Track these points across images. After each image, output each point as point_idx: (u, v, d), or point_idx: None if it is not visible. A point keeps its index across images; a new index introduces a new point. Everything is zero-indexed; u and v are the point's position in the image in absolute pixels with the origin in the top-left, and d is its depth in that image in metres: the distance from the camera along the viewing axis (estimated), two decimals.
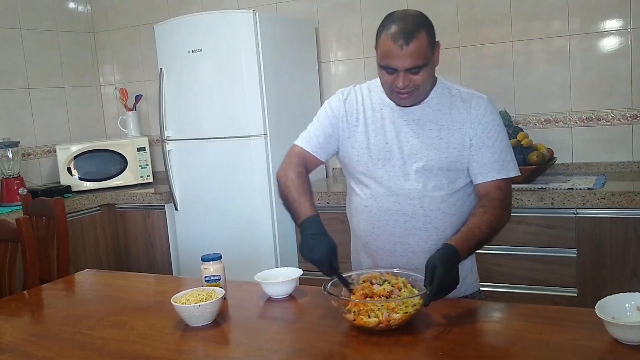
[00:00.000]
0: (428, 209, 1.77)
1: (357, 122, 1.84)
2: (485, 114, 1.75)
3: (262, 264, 3.17)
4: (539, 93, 3.27)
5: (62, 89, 4.28)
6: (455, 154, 1.75)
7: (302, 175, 1.84)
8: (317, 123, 1.90)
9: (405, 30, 1.62)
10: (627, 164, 3.11)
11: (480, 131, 1.74)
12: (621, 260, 2.60)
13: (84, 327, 1.74)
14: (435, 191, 1.76)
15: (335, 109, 1.87)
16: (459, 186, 1.79)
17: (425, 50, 1.65)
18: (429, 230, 1.78)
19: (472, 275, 1.90)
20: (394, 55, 1.64)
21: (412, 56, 1.63)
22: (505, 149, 1.77)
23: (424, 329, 1.52)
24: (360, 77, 3.63)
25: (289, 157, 1.89)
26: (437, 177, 1.76)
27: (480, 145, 1.75)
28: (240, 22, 3.18)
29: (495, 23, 3.32)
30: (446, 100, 1.78)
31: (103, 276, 2.45)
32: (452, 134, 1.75)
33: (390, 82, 1.69)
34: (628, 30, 3.04)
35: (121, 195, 3.79)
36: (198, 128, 3.39)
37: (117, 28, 4.48)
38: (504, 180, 1.76)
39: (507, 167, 1.77)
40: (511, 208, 1.79)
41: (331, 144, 1.89)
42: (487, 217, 1.69)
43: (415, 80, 1.67)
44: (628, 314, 1.41)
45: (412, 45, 1.62)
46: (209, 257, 1.85)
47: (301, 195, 1.77)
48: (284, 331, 1.65)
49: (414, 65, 1.64)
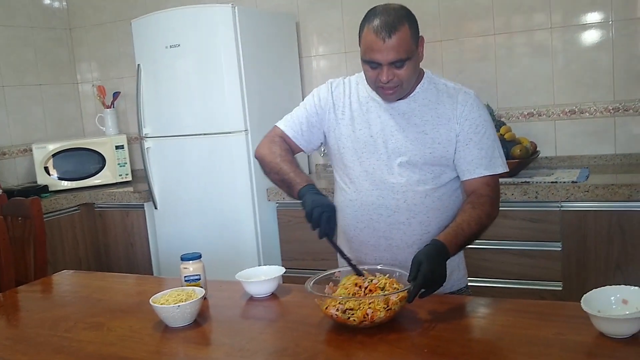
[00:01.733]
0: (412, 203, 1.75)
1: (343, 115, 1.82)
2: (472, 109, 1.74)
3: (244, 262, 3.12)
4: (522, 86, 3.26)
5: (38, 86, 4.20)
6: (441, 149, 1.73)
7: (288, 150, 1.83)
8: (303, 110, 1.88)
9: (388, 23, 1.60)
10: (611, 157, 3.11)
11: (467, 127, 1.73)
12: (605, 253, 2.59)
13: (60, 330, 1.70)
14: (419, 185, 1.74)
15: (323, 100, 1.85)
16: (444, 181, 1.77)
17: (408, 44, 1.62)
18: (412, 224, 1.76)
19: (459, 271, 1.88)
20: (377, 48, 1.61)
21: (395, 49, 1.61)
22: (492, 145, 1.76)
23: (409, 325, 1.49)
24: (341, 72, 3.59)
25: (270, 136, 1.88)
26: (422, 172, 1.74)
27: (467, 141, 1.73)
28: (219, 17, 3.13)
29: (477, 16, 3.30)
30: (432, 95, 1.76)
31: (81, 277, 2.41)
32: (437, 129, 1.73)
33: (374, 77, 1.67)
34: (609, 22, 3.04)
35: (100, 195, 3.72)
36: (177, 125, 3.34)
37: (94, 24, 4.40)
38: (491, 176, 1.75)
39: (495, 164, 1.75)
40: (499, 203, 1.78)
41: (313, 134, 1.87)
42: (476, 213, 1.68)
43: (399, 75, 1.65)
44: (614, 307, 1.39)
45: (395, 38, 1.60)
46: (188, 257, 1.81)
47: (294, 166, 1.76)
48: (267, 331, 1.61)
49: (397, 58, 1.62)
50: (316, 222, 1.57)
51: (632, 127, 3.07)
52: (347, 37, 3.62)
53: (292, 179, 1.73)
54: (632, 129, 3.07)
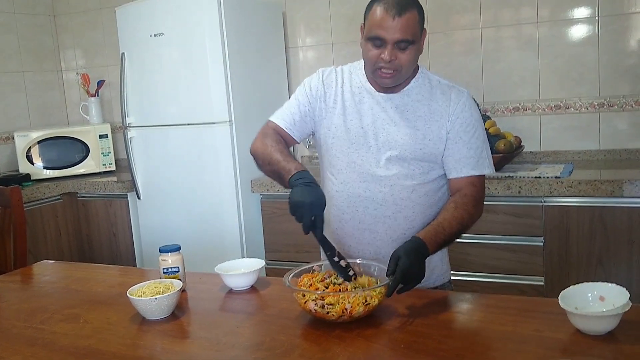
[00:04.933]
0: (398, 197, 1.74)
1: (334, 104, 1.80)
2: (464, 108, 1.73)
3: (228, 254, 3.11)
4: (508, 80, 3.26)
5: (20, 73, 4.15)
6: (431, 145, 1.72)
7: (280, 142, 1.78)
8: (295, 101, 1.86)
9: (399, 2, 1.61)
10: (595, 152, 3.11)
11: (458, 125, 1.72)
12: (587, 248, 2.60)
13: (36, 322, 1.68)
14: (406, 180, 1.74)
15: (314, 89, 1.83)
16: (433, 177, 1.77)
17: (415, 27, 1.63)
18: (398, 219, 1.75)
19: (442, 266, 1.87)
20: (385, 25, 1.61)
21: (403, 29, 1.60)
22: (481, 145, 1.75)
23: (386, 320, 1.48)
24: (328, 63, 3.57)
25: (264, 130, 1.85)
26: (410, 167, 1.73)
27: (457, 139, 1.72)
28: (204, 6, 3.09)
29: (465, 9, 3.29)
30: (426, 90, 1.75)
31: (61, 267, 2.38)
32: (428, 125, 1.72)
33: (375, 56, 1.65)
34: (596, 18, 3.04)
35: (83, 184, 3.69)
36: (161, 114, 3.31)
37: (78, 11, 4.34)
38: (477, 176, 1.75)
39: (482, 164, 1.75)
40: (483, 203, 1.78)
41: (306, 124, 1.85)
42: (459, 213, 1.68)
43: (401, 58, 1.64)
44: (591, 304, 1.39)
45: (405, 17, 1.60)
46: (167, 249, 1.79)
47: (286, 155, 1.71)
48: (244, 324, 1.60)
49: (403, 37, 1.61)
50: (300, 217, 1.54)
51: (616, 123, 3.07)
52: (334, 28, 3.59)
53: (282, 168, 1.68)
54: (616, 125, 3.08)
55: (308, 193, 1.55)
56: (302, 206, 1.53)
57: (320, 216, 1.56)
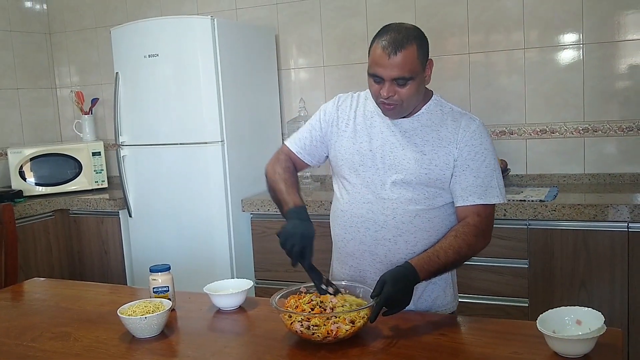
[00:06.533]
0: (400, 221, 1.75)
1: (346, 128, 1.85)
2: (474, 136, 1.73)
3: (217, 274, 3.13)
4: (495, 105, 3.32)
5: (15, 90, 4.18)
6: (437, 171, 1.73)
7: (289, 170, 1.88)
8: (309, 126, 1.94)
9: (396, 40, 1.63)
10: (580, 176, 3.18)
11: (466, 153, 1.72)
12: (571, 271, 2.65)
13: (26, 339, 1.70)
14: (410, 204, 1.75)
15: (328, 114, 1.90)
16: (439, 204, 1.77)
17: (414, 63, 1.65)
18: (398, 242, 1.76)
19: (445, 297, 1.87)
20: (382, 63, 1.64)
21: (399, 66, 1.63)
22: (490, 174, 1.74)
23: (371, 341, 1.52)
24: (320, 85, 3.63)
25: (277, 154, 1.95)
26: (415, 191, 1.75)
27: (465, 167, 1.73)
28: (198, 28, 3.15)
29: (453, 35, 3.36)
30: (437, 117, 1.78)
31: (52, 285, 2.40)
32: (436, 151, 1.74)
33: (376, 91, 1.70)
34: (580, 45, 3.12)
35: (75, 201, 3.71)
36: (153, 134, 3.35)
37: (73, 30, 4.40)
38: (484, 206, 1.73)
39: (490, 193, 1.73)
40: (490, 235, 1.77)
41: (318, 148, 1.92)
42: (457, 243, 1.68)
43: (400, 93, 1.66)
44: (568, 328, 1.43)
45: (401, 55, 1.63)
46: (157, 268, 1.83)
47: (289, 187, 1.81)
48: (231, 344, 1.63)
49: (399, 75, 1.64)
50: (288, 252, 1.63)
51: (601, 147, 3.14)
52: (326, 51, 3.66)
53: (283, 199, 1.79)
54: (600, 150, 3.14)
55: (298, 226, 1.64)
56: (291, 237, 1.62)
57: (309, 247, 1.62)
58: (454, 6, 3.33)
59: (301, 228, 1.64)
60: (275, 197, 1.84)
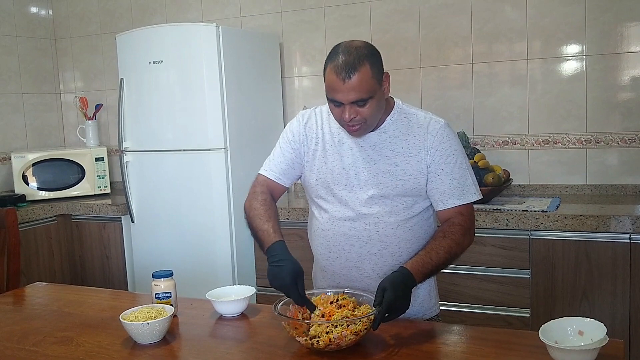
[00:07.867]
0: (383, 235, 1.77)
1: (316, 147, 1.84)
2: (442, 140, 1.74)
3: (219, 280, 3.14)
4: (498, 115, 3.33)
5: (19, 95, 4.20)
6: (412, 180, 1.75)
7: (265, 202, 1.83)
8: (280, 149, 1.90)
9: (348, 64, 1.59)
10: (582, 187, 3.18)
11: (438, 157, 1.74)
12: (572, 281, 2.65)
13: (28, 344, 1.70)
14: (390, 217, 1.76)
15: (296, 134, 1.87)
16: (417, 211, 1.79)
17: (369, 83, 1.62)
18: (384, 255, 1.78)
19: (430, 299, 1.88)
20: (338, 88, 1.62)
21: (356, 89, 1.60)
22: (464, 174, 1.76)
23: (373, 349, 1.52)
24: (323, 93, 3.62)
25: (254, 187, 1.90)
26: (394, 203, 1.76)
27: (439, 172, 1.74)
28: (203, 35, 3.17)
29: (456, 45, 3.38)
30: (403, 125, 1.78)
31: (54, 290, 2.40)
32: (408, 160, 1.75)
33: (338, 115, 1.68)
34: (583, 56, 3.13)
35: (77, 206, 3.72)
36: (157, 140, 3.36)
37: (79, 36, 4.42)
38: (465, 205, 1.76)
39: (468, 192, 1.76)
40: (474, 231, 1.80)
41: (294, 169, 1.89)
42: (446, 242, 1.70)
43: (362, 113, 1.65)
44: (570, 338, 1.44)
45: (355, 78, 1.59)
46: (160, 274, 1.83)
47: (264, 222, 1.76)
48: (233, 351, 1.63)
49: (358, 98, 1.62)
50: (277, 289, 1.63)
51: (603, 158, 3.15)
52: None
53: (260, 238, 1.75)
54: (603, 161, 3.15)
55: (278, 273, 1.62)
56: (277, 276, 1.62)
57: (295, 283, 1.60)
58: (458, 17, 3.35)
59: (285, 272, 1.61)
60: (254, 234, 1.80)
